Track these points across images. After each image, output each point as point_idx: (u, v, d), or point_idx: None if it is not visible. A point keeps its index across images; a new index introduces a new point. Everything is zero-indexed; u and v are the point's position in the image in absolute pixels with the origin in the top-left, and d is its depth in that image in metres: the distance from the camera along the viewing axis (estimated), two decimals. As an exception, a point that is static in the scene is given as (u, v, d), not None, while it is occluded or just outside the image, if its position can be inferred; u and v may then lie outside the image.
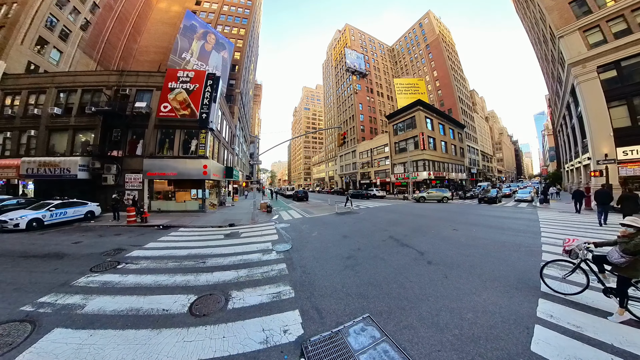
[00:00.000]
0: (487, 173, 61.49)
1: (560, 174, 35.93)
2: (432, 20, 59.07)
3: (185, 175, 15.17)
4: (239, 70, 35.38)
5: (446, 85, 54.86)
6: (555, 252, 5.77)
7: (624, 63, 14.84)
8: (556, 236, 7.50)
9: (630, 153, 14.24)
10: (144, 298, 3.87)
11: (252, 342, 2.76)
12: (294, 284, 4.39)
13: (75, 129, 15.39)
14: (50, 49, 21.97)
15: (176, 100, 15.55)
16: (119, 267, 5.37)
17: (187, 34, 27.58)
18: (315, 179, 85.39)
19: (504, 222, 10.33)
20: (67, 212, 10.92)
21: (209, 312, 3.45)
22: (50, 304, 3.67)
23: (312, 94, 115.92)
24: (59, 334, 2.93)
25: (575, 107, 19.54)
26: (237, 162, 31.83)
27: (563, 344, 2.63)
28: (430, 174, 32.01)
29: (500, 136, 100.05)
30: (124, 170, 15.06)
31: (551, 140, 66.29)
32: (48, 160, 14.01)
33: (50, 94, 15.56)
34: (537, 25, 25.56)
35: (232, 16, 38.87)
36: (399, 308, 3.46)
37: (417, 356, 2.51)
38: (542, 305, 3.44)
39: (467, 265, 5.17)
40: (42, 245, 7.39)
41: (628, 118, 14.57)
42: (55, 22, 22.27)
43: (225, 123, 22.57)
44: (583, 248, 3.58)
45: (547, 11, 18.75)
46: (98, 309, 3.53)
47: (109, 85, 15.98)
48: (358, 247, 6.78)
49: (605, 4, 15.98)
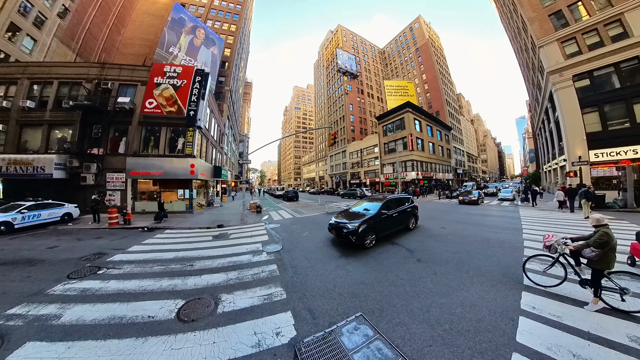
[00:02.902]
0: (473, 173, 63.93)
1: (539, 175, 38.02)
2: (422, 25, 60.61)
3: (171, 174, 14.62)
4: (229, 67, 34.60)
5: (434, 88, 56.47)
6: (536, 247, 6.10)
7: (596, 73, 15.94)
8: (537, 233, 7.92)
9: (601, 155, 15.30)
10: (128, 305, 3.69)
11: (244, 347, 2.70)
12: (286, 285, 4.34)
13: (51, 124, 14.40)
14: (22, 37, 20.41)
15: (162, 96, 14.94)
16: (99, 273, 5.08)
17: (175, 27, 26.61)
18: (305, 179, 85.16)
19: (488, 220, 10.76)
20: (41, 214, 10.20)
21: (197, 317, 3.34)
22: (22, 316, 3.39)
23: (303, 94, 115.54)
24: (32, 348, 2.71)
25: (553, 112, 20.73)
26: (226, 162, 31.11)
27: (545, 333, 2.79)
28: (419, 174, 32.85)
29: (485, 138, 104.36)
30: (105, 170, 14.28)
31: (531, 142, 70.02)
32: (19, 158, 13.01)
33: (22, 85, 14.46)
34: (519, 34, 26.87)
35: (222, 11, 37.93)
36: (391, 306, 3.51)
37: (409, 352, 2.55)
38: (525, 297, 3.63)
39: (455, 261, 5.34)
40: (13, 251, 6.86)
41: (599, 123, 15.66)
42: (29, 8, 20.73)
43: (213, 121, 21.99)
44: (561, 243, 3.81)
45: (529, 22, 19.76)
46: (76, 318, 3.31)
47: (89, 79, 15.09)
48: (349, 246, 6.81)
49: (581, 17, 17.08)
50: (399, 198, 8.45)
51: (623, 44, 14.67)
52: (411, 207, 8.67)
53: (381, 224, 7.02)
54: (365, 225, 6.44)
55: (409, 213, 8.47)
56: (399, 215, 7.83)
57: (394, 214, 7.63)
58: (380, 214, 7.03)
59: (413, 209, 8.82)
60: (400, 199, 8.44)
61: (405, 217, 8.23)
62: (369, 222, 6.61)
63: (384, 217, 7.15)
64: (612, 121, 15.22)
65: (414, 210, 8.90)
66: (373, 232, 6.63)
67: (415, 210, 8.99)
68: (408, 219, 8.45)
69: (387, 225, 7.30)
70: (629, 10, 14.71)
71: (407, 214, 8.39)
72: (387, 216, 7.32)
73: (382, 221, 7.08)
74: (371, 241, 6.56)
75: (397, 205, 8.05)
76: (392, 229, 7.63)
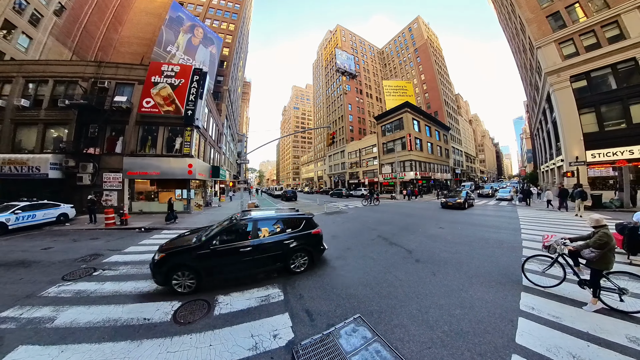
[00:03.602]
0: (471, 173, 64.23)
1: (536, 175, 38.27)
2: (421, 25, 60.75)
3: (169, 174, 14.51)
4: (227, 67, 34.45)
5: (433, 88, 56.63)
6: (535, 247, 6.10)
7: (594, 74, 16.05)
8: (535, 233, 7.94)
9: (598, 156, 15.41)
10: (123, 307, 3.63)
11: (241, 349, 2.66)
12: (283, 286, 4.30)
13: (47, 123, 14.22)
14: (18, 34, 20.15)
15: (160, 96, 14.82)
16: (95, 274, 5.01)
17: (173, 26, 26.45)
18: (304, 179, 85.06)
19: (487, 220, 10.79)
20: (35, 214, 10.07)
21: (194, 319, 3.29)
22: (14, 319, 3.33)
23: (301, 93, 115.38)
24: (24, 352, 2.66)
25: (550, 113, 20.84)
26: (224, 162, 30.98)
27: (545, 335, 2.77)
28: (417, 174, 32.92)
29: (483, 138, 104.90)
30: (101, 169, 14.13)
31: (529, 143, 70.46)
32: (14, 158, 12.84)
33: (17, 83, 14.26)
34: (517, 35, 27.00)
35: (221, 10, 37.76)
36: (390, 307, 3.48)
37: (408, 354, 2.52)
38: (524, 298, 3.62)
39: (454, 262, 5.32)
40: (6, 252, 6.76)
41: (596, 124, 15.77)
42: (24, 5, 20.46)
43: (212, 121, 21.87)
44: (560, 243, 3.81)
45: (527, 23, 19.86)
46: (70, 321, 3.26)
47: (86, 77, 14.93)
48: (347, 247, 6.79)
49: (579, 19, 17.19)
50: (281, 218, 5.18)
51: (620, 46, 14.78)
52: (301, 236, 4.99)
53: (210, 262, 4.20)
54: (174, 261, 4.09)
55: (294, 244, 4.83)
56: (263, 249, 4.56)
57: (251, 246, 4.45)
58: (206, 245, 4.26)
59: (307, 238, 5.05)
60: (283, 219, 5.15)
61: (284, 250, 4.72)
62: (182, 255, 4.18)
63: (219, 249, 4.26)
64: (608, 122, 15.33)
65: (310, 239, 5.10)
66: (193, 274, 4.10)
67: (315, 239, 5.19)
68: (290, 254, 4.78)
69: (228, 264, 4.36)
70: (626, 12, 14.81)
71: (288, 246, 4.76)
72: (230, 250, 4.35)
73: (213, 257, 4.22)
74: (185, 287, 4.04)
75: (270, 229, 4.91)
76: (242, 271, 4.48)
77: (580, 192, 11.71)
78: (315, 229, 5.31)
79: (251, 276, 4.62)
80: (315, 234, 5.25)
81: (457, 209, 15.13)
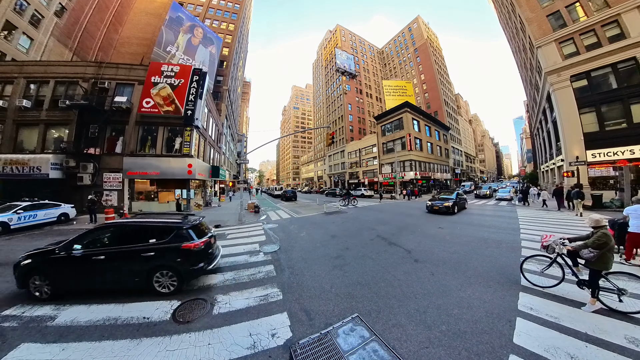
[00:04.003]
0: (471, 173, 64.15)
1: (536, 175, 38.20)
2: (420, 25, 60.69)
3: (168, 174, 14.54)
4: (227, 67, 34.49)
5: (433, 88, 56.57)
6: (534, 247, 6.10)
7: (594, 73, 16.00)
8: (534, 233, 7.93)
9: (598, 155, 15.37)
10: (123, 306, 3.65)
11: (239, 348, 2.67)
12: (282, 285, 4.31)
13: (47, 124, 14.28)
14: (19, 35, 20.23)
15: (159, 96, 14.86)
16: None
17: (173, 26, 26.49)
18: (304, 179, 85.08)
19: (486, 220, 10.78)
20: (37, 214, 10.11)
21: (193, 318, 3.31)
22: (17, 317, 3.37)
23: (301, 93, 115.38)
24: (26, 350, 2.70)
25: (550, 112, 20.80)
26: (224, 161, 31.03)
27: (543, 335, 2.77)
28: (417, 174, 32.89)
29: (483, 138, 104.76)
30: (101, 169, 14.18)
31: (529, 143, 70.36)
32: (15, 158, 12.89)
33: (19, 84, 14.33)
34: (517, 34, 26.95)
35: (221, 10, 37.80)
36: (388, 307, 3.48)
37: (406, 354, 2.53)
38: (522, 298, 3.61)
39: (453, 262, 5.33)
40: (8, 251, 6.80)
41: (596, 124, 15.73)
42: (25, 6, 20.53)
43: (211, 120, 21.91)
44: (559, 243, 3.81)
45: (527, 22, 19.82)
46: (71, 320, 3.29)
47: (86, 78, 14.98)
48: (346, 247, 6.80)
49: (579, 18, 17.15)
50: (144, 224, 4.37)
51: (620, 45, 14.73)
52: (165, 249, 4.03)
53: (63, 268, 3.90)
54: (32, 264, 3.89)
55: (154, 259, 3.96)
56: (117, 260, 3.98)
57: (105, 255, 3.91)
58: (64, 249, 3.91)
59: (172, 252, 4.04)
60: (144, 225, 4.34)
61: (141, 264, 3.95)
62: (38, 258, 3.96)
63: (73, 256, 3.88)
64: (609, 121, 15.29)
65: (176, 254, 4.05)
66: (48, 280, 3.84)
67: (184, 255, 4.07)
68: (153, 271, 3.97)
69: (82, 273, 3.93)
70: (626, 12, 14.77)
71: (146, 261, 3.94)
72: (83, 258, 3.89)
73: (67, 264, 3.89)
74: (41, 292, 3.81)
75: (116, 241, 4.16)
76: (99, 284, 4.01)
77: (578, 193, 11.80)
78: (188, 242, 4.10)
79: (113, 290, 4.00)
80: (185, 249, 4.06)
81: (445, 214, 12.59)
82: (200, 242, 4.26)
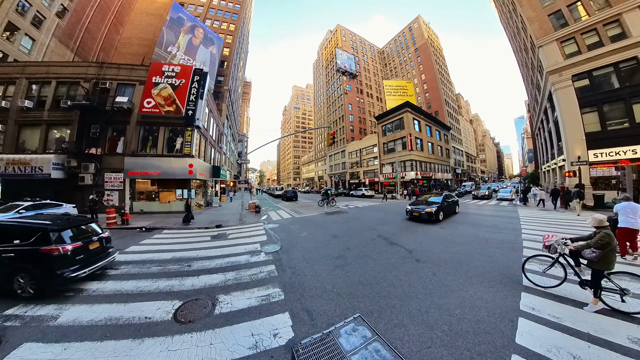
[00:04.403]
0: (471, 173, 64.01)
1: (538, 175, 38.07)
2: (421, 25, 60.60)
3: (169, 174, 14.57)
4: (227, 67, 34.52)
5: (433, 88, 56.47)
6: (535, 247, 6.08)
7: (595, 73, 15.92)
8: (536, 232, 7.91)
9: (600, 155, 15.30)
10: (125, 306, 3.66)
11: (241, 348, 2.68)
12: (284, 285, 4.31)
13: (49, 124, 14.32)
14: (21, 36, 20.32)
15: (160, 96, 14.89)
16: (97, 273, 5.04)
17: (174, 26, 26.54)
18: (304, 179, 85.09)
19: (487, 220, 10.76)
20: (38, 213, 10.15)
21: (195, 318, 3.31)
22: (19, 317, 3.38)
23: (302, 93, 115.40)
24: (29, 349, 2.70)
25: (552, 112, 20.72)
26: (225, 161, 31.05)
27: (545, 335, 2.76)
28: (418, 174, 32.84)
29: (484, 138, 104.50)
30: (103, 169, 14.22)
31: (530, 142, 70.15)
32: (17, 158, 12.94)
33: (21, 85, 14.38)
34: (519, 34, 26.87)
35: (221, 10, 37.84)
36: (389, 307, 3.48)
37: (408, 354, 2.52)
38: (524, 298, 3.60)
39: (454, 262, 5.32)
40: (9, 249, 6.81)
41: (598, 123, 15.65)
42: (27, 7, 20.63)
43: (212, 120, 21.93)
44: (561, 243, 3.79)
45: (529, 22, 19.75)
46: (73, 319, 3.29)
47: (88, 78, 15.02)
48: (348, 247, 6.80)
49: (580, 17, 17.08)
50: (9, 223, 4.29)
51: (622, 44, 14.66)
52: (23, 251, 3.92)
53: None
54: None
55: (10, 260, 3.88)
56: None
57: None
58: None
59: (31, 255, 3.91)
60: (9, 225, 4.25)
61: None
62: None
63: None
64: (611, 121, 15.21)
65: (34, 258, 3.90)
66: None
67: (43, 259, 3.90)
68: (12, 274, 3.85)
69: None
70: (628, 11, 14.70)
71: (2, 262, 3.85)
72: None
73: None
74: None
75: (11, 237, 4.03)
76: None
77: (578, 192, 11.82)
78: (49, 246, 3.88)
79: None
80: (44, 252, 3.85)
81: (427, 222, 10.29)
82: (67, 247, 4.08)
